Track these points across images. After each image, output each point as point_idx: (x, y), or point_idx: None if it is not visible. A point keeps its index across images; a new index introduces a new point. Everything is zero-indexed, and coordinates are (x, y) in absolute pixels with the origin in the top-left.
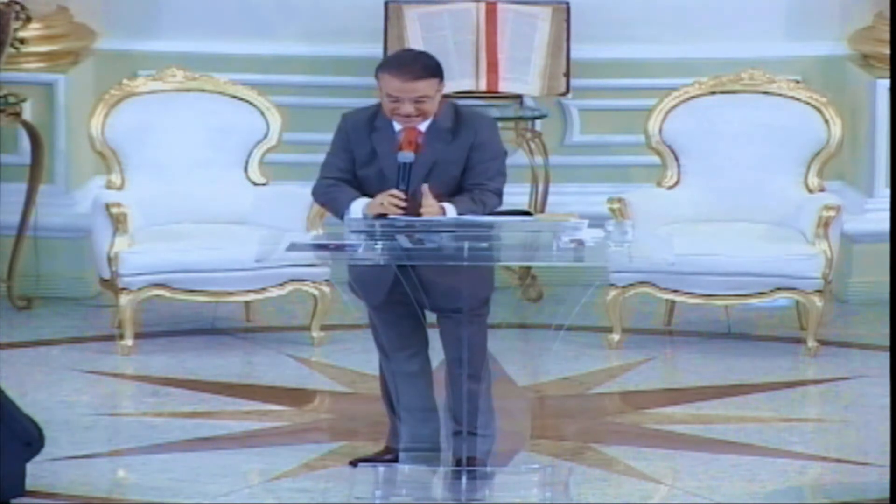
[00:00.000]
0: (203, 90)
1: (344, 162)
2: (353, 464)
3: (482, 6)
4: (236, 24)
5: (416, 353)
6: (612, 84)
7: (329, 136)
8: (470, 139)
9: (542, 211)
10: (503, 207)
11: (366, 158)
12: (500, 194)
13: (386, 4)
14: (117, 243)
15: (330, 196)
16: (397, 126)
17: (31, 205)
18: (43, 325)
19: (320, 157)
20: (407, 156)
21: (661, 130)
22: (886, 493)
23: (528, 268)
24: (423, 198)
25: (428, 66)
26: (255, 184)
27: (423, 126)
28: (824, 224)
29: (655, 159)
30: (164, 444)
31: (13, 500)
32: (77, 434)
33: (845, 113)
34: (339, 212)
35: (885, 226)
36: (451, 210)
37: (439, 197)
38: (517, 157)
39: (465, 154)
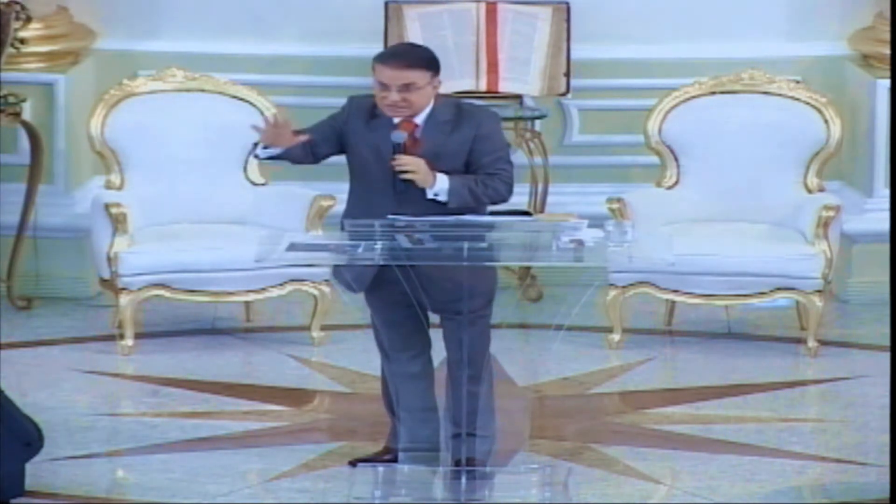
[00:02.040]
0: (203, 90)
1: (321, 133)
2: (353, 464)
3: (482, 6)
4: (236, 24)
5: (417, 354)
6: (612, 84)
7: None
8: (472, 131)
9: (542, 211)
10: (502, 207)
11: (358, 143)
12: (509, 183)
13: (386, 4)
14: (117, 243)
15: None
16: (396, 119)
17: (30, 205)
18: (43, 325)
19: None
20: (399, 135)
21: (660, 130)
22: (886, 493)
23: (528, 268)
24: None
25: (421, 58)
26: (254, 184)
27: (419, 119)
28: (824, 224)
29: (655, 159)
30: (164, 444)
31: (13, 500)
32: (77, 434)
33: (845, 113)
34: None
35: (885, 226)
36: (442, 180)
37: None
38: (517, 157)
39: (467, 146)
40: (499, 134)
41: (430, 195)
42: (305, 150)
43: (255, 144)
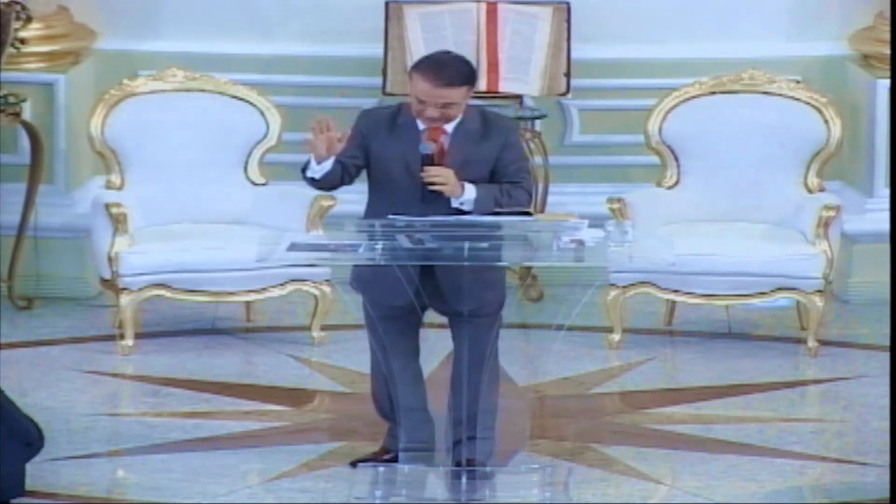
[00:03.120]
0: (203, 90)
1: (348, 151)
2: (353, 465)
3: (483, 6)
4: (236, 24)
5: (417, 354)
6: (612, 84)
7: None
8: (501, 140)
9: (542, 211)
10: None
11: (384, 154)
12: (530, 192)
13: (386, 4)
14: (117, 243)
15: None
16: (422, 125)
17: (30, 205)
18: (43, 325)
19: None
20: (427, 146)
21: (660, 130)
22: (886, 493)
23: (529, 268)
24: (435, 168)
25: (461, 74)
26: (254, 184)
27: (448, 126)
28: (824, 224)
29: (655, 159)
30: (164, 444)
31: (13, 500)
32: (77, 434)
33: (845, 113)
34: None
35: (885, 226)
36: (470, 190)
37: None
38: None
39: (495, 154)
40: (521, 144)
41: (455, 204)
42: (336, 169)
43: (304, 169)
